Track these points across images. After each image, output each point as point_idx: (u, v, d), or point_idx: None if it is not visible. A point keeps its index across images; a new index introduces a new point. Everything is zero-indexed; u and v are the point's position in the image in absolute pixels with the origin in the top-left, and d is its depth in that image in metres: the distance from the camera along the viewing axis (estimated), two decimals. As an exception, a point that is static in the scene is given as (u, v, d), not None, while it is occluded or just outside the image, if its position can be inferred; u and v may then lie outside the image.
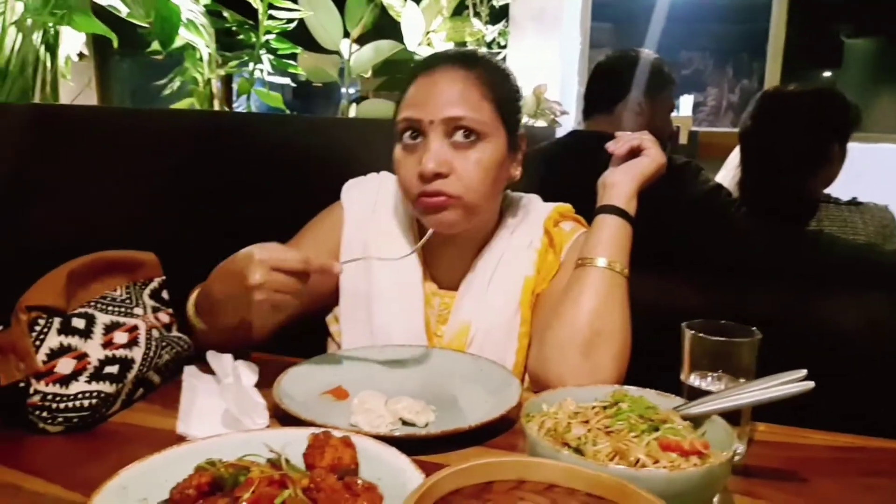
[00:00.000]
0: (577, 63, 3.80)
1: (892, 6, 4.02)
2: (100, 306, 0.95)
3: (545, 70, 3.29)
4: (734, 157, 2.28)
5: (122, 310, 0.98)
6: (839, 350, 1.18)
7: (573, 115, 3.11)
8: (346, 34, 2.20)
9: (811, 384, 0.72)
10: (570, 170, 1.29)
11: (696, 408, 0.75)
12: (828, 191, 1.82)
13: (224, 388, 0.90)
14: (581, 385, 0.90)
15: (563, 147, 1.94)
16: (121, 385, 0.91)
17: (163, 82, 2.02)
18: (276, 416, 0.89)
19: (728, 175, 2.27)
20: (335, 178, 1.25)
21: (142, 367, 0.95)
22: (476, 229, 1.14)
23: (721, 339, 0.81)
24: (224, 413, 0.89)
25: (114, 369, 0.90)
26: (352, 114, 2.29)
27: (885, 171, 2.84)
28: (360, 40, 2.25)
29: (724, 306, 0.94)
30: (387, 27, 2.31)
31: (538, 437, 0.69)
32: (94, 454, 0.82)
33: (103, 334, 0.92)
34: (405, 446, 0.74)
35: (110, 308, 0.97)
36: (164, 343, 1.01)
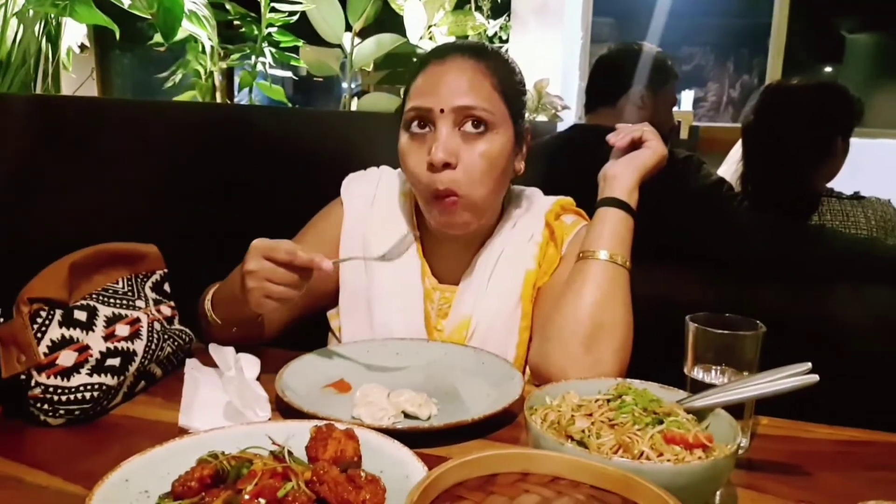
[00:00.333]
0: (578, 58, 3.80)
1: (893, 1, 4.01)
2: (101, 298, 0.95)
3: (547, 65, 3.29)
4: (736, 151, 2.28)
5: (124, 302, 0.98)
6: (842, 344, 1.18)
7: (574, 110, 3.11)
8: (349, 27, 2.19)
9: (815, 377, 0.71)
10: (572, 163, 1.29)
11: (700, 401, 0.75)
12: (830, 185, 1.82)
13: (226, 381, 0.90)
14: (583, 378, 0.89)
15: (564, 140, 1.94)
16: (122, 378, 0.91)
17: (165, 75, 2.02)
18: (279, 409, 0.89)
19: (730, 169, 2.27)
20: (336, 171, 1.25)
21: (143, 360, 0.95)
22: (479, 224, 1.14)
23: (725, 332, 0.81)
24: (226, 406, 0.89)
25: (115, 362, 0.90)
26: (353, 107, 2.29)
27: (886, 166, 2.84)
28: (362, 34, 2.25)
29: (725, 300, 0.94)
30: (389, 21, 2.31)
31: (542, 430, 0.69)
32: (95, 447, 0.82)
33: (105, 327, 0.92)
34: (408, 439, 0.74)
35: (112, 300, 0.96)
36: (165, 336, 1.01)
